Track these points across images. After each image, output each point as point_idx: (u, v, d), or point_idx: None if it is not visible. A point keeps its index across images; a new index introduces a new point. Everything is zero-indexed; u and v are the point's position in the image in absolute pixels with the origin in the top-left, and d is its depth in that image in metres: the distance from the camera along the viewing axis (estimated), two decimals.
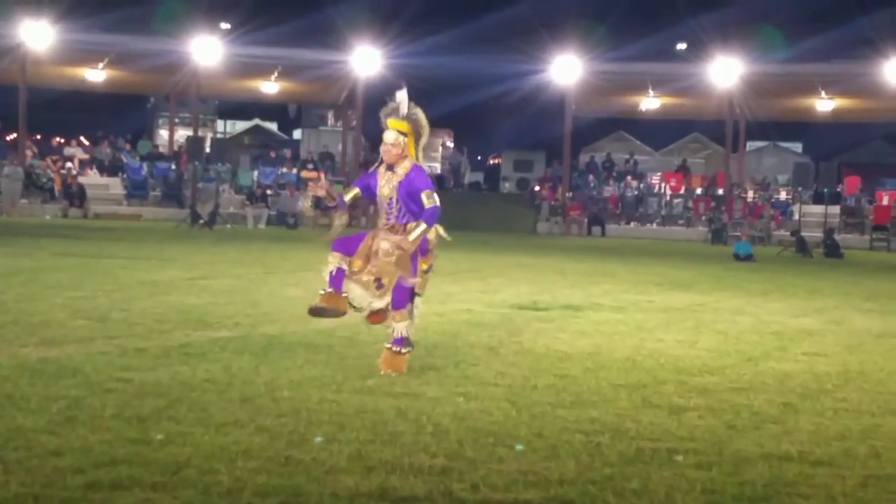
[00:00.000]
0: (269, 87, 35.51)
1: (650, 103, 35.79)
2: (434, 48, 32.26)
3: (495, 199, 37.51)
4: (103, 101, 40.87)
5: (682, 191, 35.22)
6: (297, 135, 48.14)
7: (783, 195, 34.34)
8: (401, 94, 6.52)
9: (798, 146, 46.61)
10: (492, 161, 47.01)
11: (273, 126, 50.09)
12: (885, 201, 32.15)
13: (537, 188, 37.21)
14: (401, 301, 6.48)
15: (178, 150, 35.01)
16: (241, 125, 48.88)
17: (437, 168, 39.57)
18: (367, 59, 33.18)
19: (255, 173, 34.00)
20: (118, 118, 41.81)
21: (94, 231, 22.50)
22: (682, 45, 38.32)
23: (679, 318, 10.08)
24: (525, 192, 38.73)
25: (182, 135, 37.17)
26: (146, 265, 13.88)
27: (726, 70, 32.56)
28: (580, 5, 36.33)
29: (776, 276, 16.76)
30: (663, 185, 36.00)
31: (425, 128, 6.60)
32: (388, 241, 6.42)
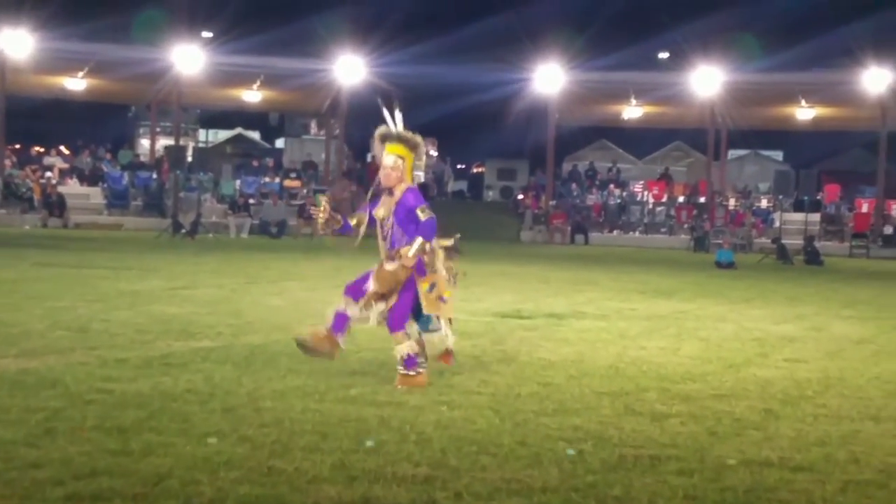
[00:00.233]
0: (252, 95, 35.38)
1: (633, 112, 35.93)
2: (417, 57, 32.29)
3: (479, 207, 37.61)
4: (84, 110, 40.75)
5: (665, 199, 35.37)
6: (279, 144, 48.09)
7: (764, 203, 34.52)
8: (397, 117, 6.54)
9: (779, 154, 46.91)
10: (475, 170, 47.09)
11: (255, 135, 50.02)
12: (865, 209, 32.40)
13: (521, 197, 37.32)
14: (396, 323, 6.44)
15: (159, 158, 34.89)
16: (224, 134, 48.78)
17: (421, 177, 39.50)
18: (350, 67, 33.15)
19: (238, 182, 33.92)
20: (99, 127, 41.58)
21: (74, 241, 22.37)
22: (664, 55, 38.48)
23: (662, 325, 10.11)
24: (508, 200, 38.84)
25: (163, 144, 37.04)
26: (127, 275, 13.80)
27: (708, 79, 32.72)
28: (563, 15, 36.48)
29: (757, 284, 16.84)
30: (646, 193, 36.14)
31: (421, 147, 6.65)
32: (390, 263, 6.41)
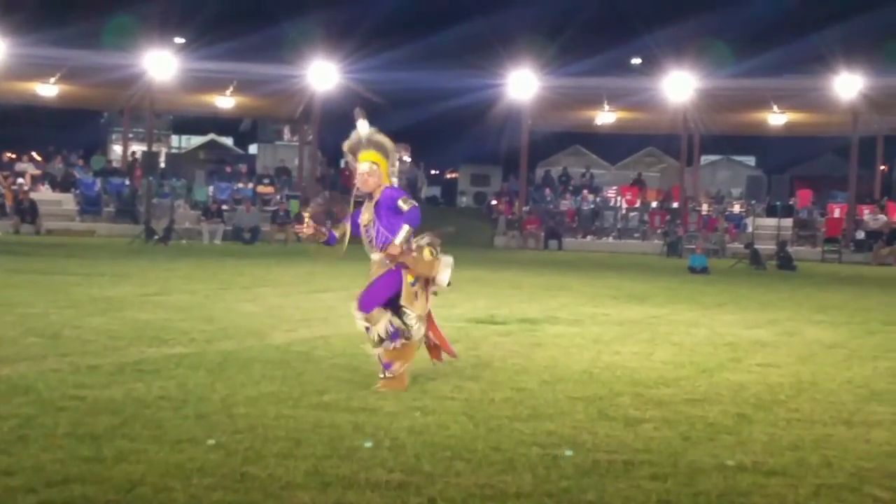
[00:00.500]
0: (225, 101, 35.18)
1: (606, 117, 36.05)
2: (390, 62, 32.29)
3: (452, 213, 37.61)
4: (56, 116, 40.46)
5: (638, 204, 35.50)
6: (252, 149, 47.99)
7: (737, 208, 34.72)
8: (361, 124, 6.56)
9: (751, 160, 47.30)
10: (449, 175, 47.18)
11: (229, 141, 49.91)
12: (837, 214, 32.66)
13: (494, 202, 37.38)
14: (366, 304, 6.47)
15: (131, 163, 34.67)
16: (197, 140, 48.65)
17: (395, 182, 39.55)
18: (323, 73, 33.09)
19: (211, 188, 33.73)
20: (71, 133, 41.28)
21: (46, 247, 22.19)
22: (636, 60, 38.67)
23: (635, 330, 10.15)
24: (482, 206, 38.90)
25: (136, 150, 36.84)
26: (100, 281, 13.71)
27: (680, 85, 32.89)
28: (536, 21, 36.64)
29: (730, 289, 16.94)
30: (619, 198, 36.27)
31: (392, 150, 6.68)
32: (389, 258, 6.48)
